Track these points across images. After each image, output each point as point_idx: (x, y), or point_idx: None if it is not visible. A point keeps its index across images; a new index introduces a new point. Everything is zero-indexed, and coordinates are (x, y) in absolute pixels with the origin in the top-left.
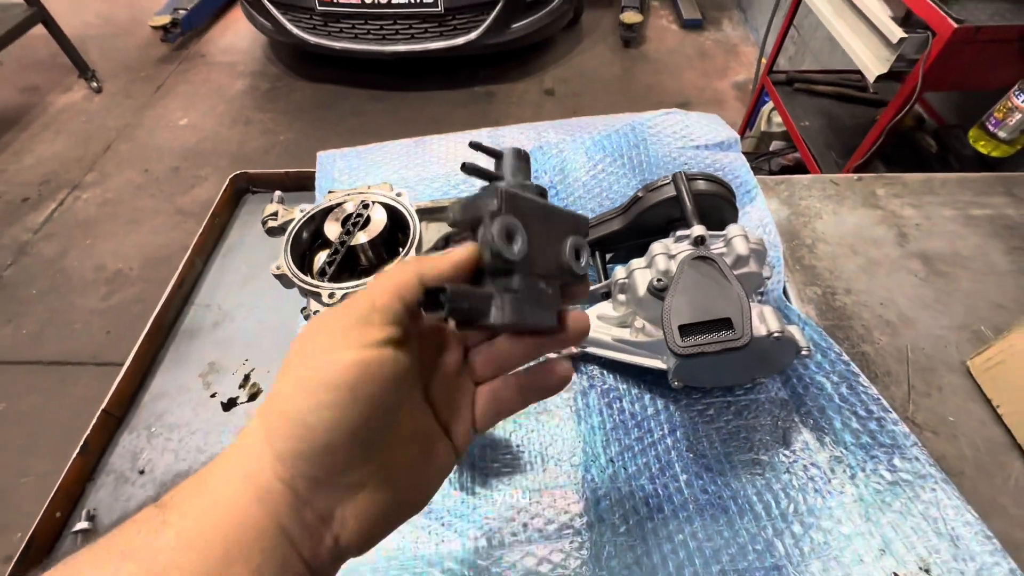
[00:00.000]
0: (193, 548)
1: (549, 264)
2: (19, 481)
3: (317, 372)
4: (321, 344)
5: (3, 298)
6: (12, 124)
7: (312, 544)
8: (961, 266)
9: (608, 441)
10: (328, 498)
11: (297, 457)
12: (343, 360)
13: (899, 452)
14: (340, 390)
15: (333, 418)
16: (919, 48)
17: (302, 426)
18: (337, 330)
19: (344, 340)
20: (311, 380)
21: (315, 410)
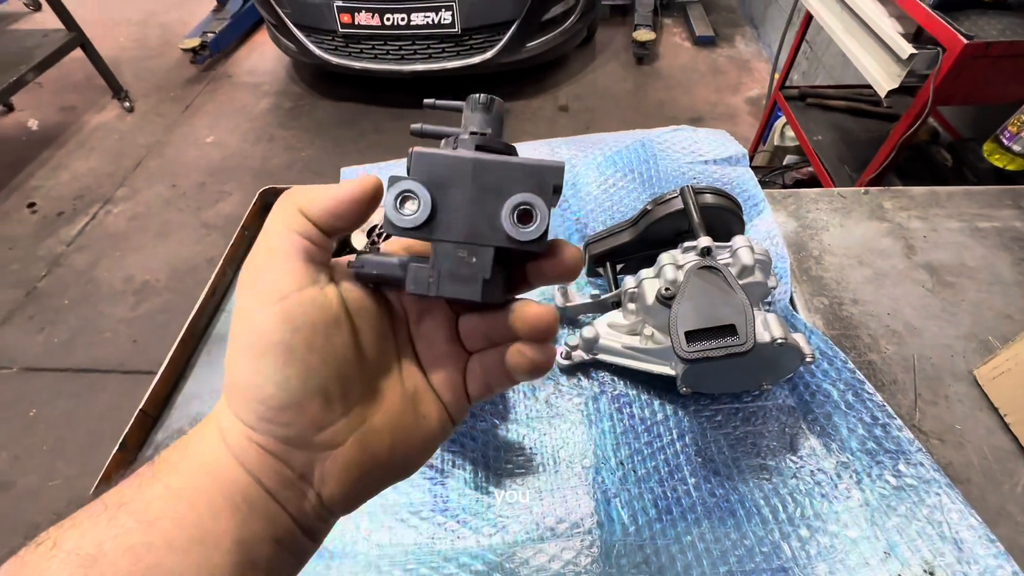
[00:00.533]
0: (181, 498)
1: (478, 230)
2: (48, 484)
3: (251, 332)
4: (246, 301)
5: (37, 307)
6: (50, 142)
7: (296, 500)
8: (968, 277)
9: (618, 445)
10: (304, 456)
11: (261, 420)
12: (268, 314)
13: (904, 457)
14: (275, 346)
15: (280, 377)
16: (930, 64)
17: (253, 390)
18: (256, 282)
19: (264, 292)
20: (248, 343)
21: (259, 372)
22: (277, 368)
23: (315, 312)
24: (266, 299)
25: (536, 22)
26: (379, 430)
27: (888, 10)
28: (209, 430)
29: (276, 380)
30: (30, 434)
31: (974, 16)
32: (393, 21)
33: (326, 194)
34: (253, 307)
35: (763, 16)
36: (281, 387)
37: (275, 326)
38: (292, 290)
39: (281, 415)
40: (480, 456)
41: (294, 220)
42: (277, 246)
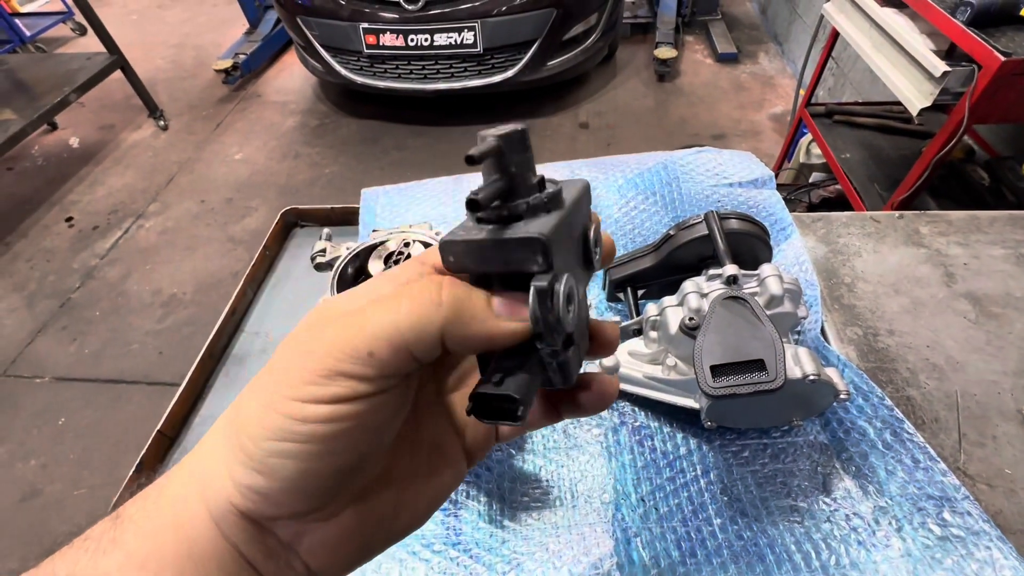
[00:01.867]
0: (144, 569)
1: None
2: (73, 493)
3: (287, 410)
4: (297, 378)
5: (70, 318)
6: (89, 158)
7: (277, 570)
8: (1014, 308)
9: (639, 479)
10: (292, 528)
11: (255, 493)
12: (316, 411)
13: (949, 505)
14: (306, 443)
15: (299, 469)
16: (964, 81)
17: (262, 464)
18: (319, 368)
19: (323, 385)
20: (279, 418)
21: (278, 455)
22: (298, 460)
23: (374, 418)
24: (328, 393)
25: (557, 41)
26: (384, 494)
27: (919, 27)
28: (189, 479)
29: (292, 471)
30: (58, 443)
31: (1011, 32)
32: (417, 42)
33: (486, 328)
34: (313, 381)
35: (787, 33)
36: (296, 479)
37: (321, 425)
38: (362, 396)
39: (281, 496)
40: (495, 488)
41: (425, 333)
42: (384, 358)
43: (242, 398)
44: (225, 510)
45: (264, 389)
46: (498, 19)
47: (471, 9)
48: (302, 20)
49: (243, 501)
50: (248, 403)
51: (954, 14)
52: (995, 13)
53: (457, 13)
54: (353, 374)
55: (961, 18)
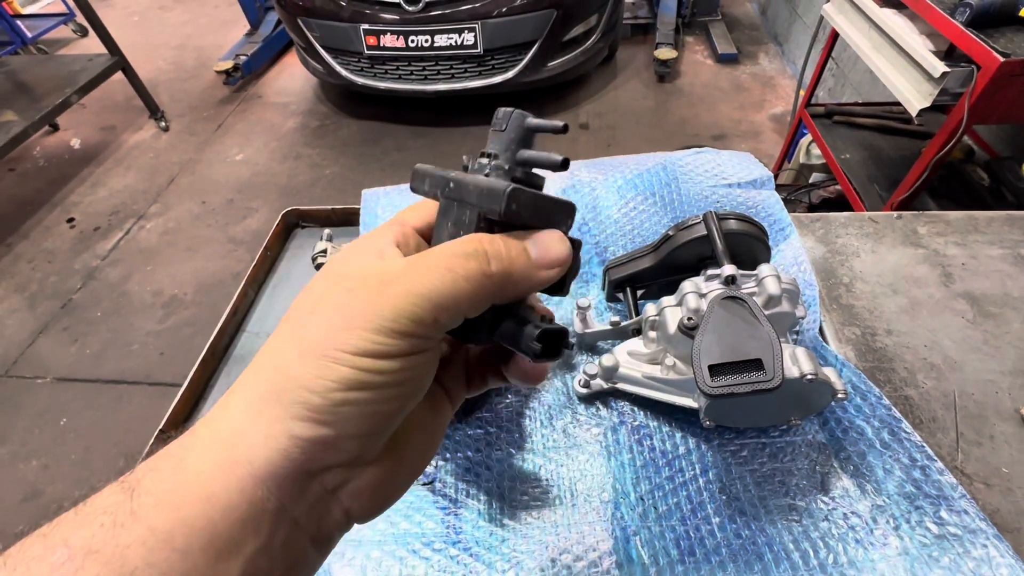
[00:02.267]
0: (170, 544)
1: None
2: (74, 494)
3: (354, 364)
4: (359, 331)
5: (72, 319)
6: (91, 160)
7: (318, 520)
8: (1012, 308)
9: (638, 479)
10: (341, 475)
11: (318, 443)
12: (388, 365)
13: (946, 504)
14: (382, 388)
15: (370, 412)
16: (963, 82)
17: (330, 415)
18: (385, 320)
19: (389, 343)
20: (344, 371)
21: (348, 403)
22: (373, 407)
23: (427, 370)
24: (390, 348)
25: (557, 42)
26: (408, 433)
27: (918, 27)
28: (221, 443)
29: (365, 417)
30: (60, 443)
31: (1009, 33)
32: (417, 43)
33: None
34: (370, 344)
35: (787, 33)
36: (365, 423)
37: (396, 368)
38: (421, 349)
39: (347, 443)
40: (495, 486)
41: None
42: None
43: (282, 362)
44: (275, 468)
45: (315, 347)
46: (498, 20)
47: (471, 10)
48: (303, 21)
49: (301, 455)
50: (297, 363)
51: (953, 15)
52: (994, 14)
53: (457, 14)
54: (420, 335)
55: (960, 19)
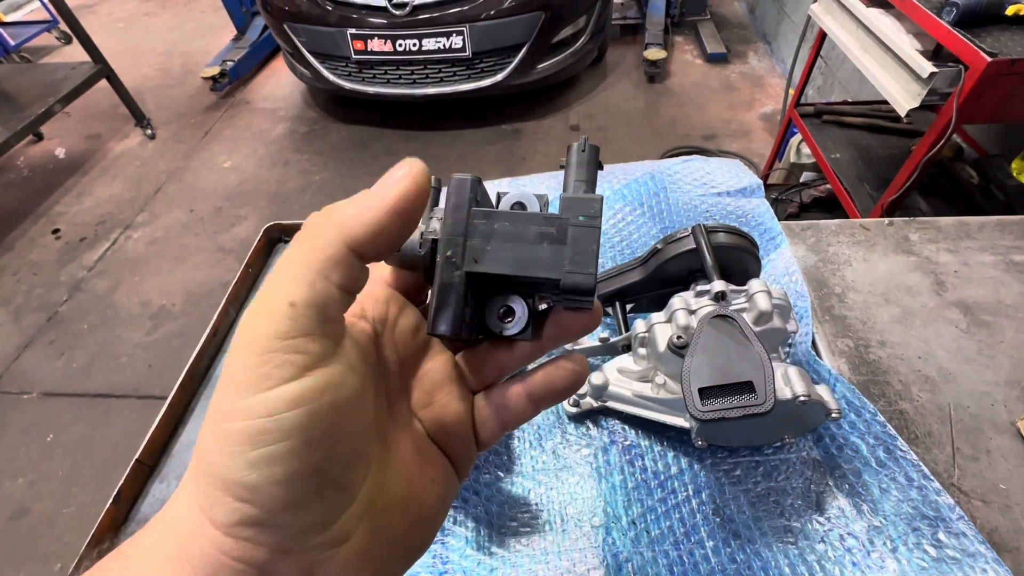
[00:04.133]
0: None
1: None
2: (62, 511)
3: (249, 412)
4: (241, 372)
5: (58, 332)
6: (76, 169)
7: None
8: (1005, 316)
9: (630, 501)
10: (302, 562)
11: (246, 526)
12: (280, 397)
13: (944, 525)
14: (284, 439)
15: (286, 472)
16: (951, 82)
17: (242, 488)
18: (258, 347)
19: (270, 363)
20: (243, 426)
21: (257, 464)
22: (286, 463)
23: (343, 388)
24: (281, 372)
25: (546, 44)
26: (391, 507)
27: (905, 27)
28: (162, 543)
29: (281, 478)
30: (47, 460)
31: (996, 32)
32: (405, 47)
33: (370, 208)
34: (258, 380)
35: (775, 32)
36: (287, 486)
37: (291, 414)
38: (318, 361)
39: (279, 517)
40: (483, 512)
41: (331, 256)
42: (306, 297)
43: (200, 439)
44: (216, 567)
45: (214, 409)
46: (486, 23)
47: (459, 14)
48: (289, 26)
49: (235, 546)
50: (206, 433)
51: (940, 14)
52: (980, 13)
53: (445, 18)
54: (290, 332)
55: (947, 19)
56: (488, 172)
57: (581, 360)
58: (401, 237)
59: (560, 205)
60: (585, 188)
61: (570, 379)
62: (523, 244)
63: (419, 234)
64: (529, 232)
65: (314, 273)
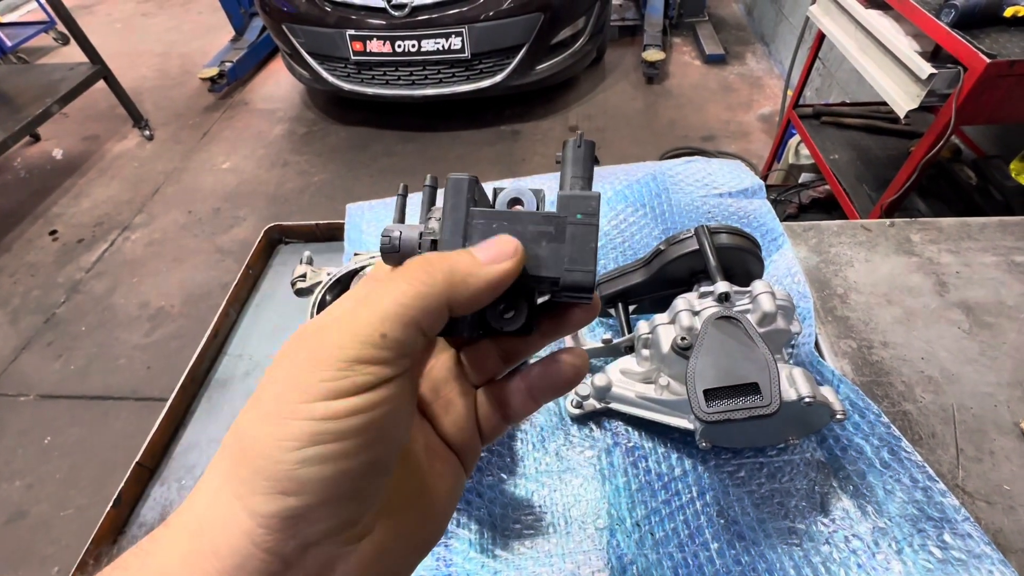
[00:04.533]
0: None
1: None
2: (59, 514)
3: (312, 413)
4: (312, 380)
5: (56, 334)
6: (73, 170)
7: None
8: (1007, 316)
9: (634, 503)
10: (324, 555)
11: (285, 518)
12: (344, 407)
13: (949, 526)
14: (343, 439)
15: (336, 471)
16: (950, 83)
17: (291, 481)
18: (334, 358)
19: (344, 378)
20: (303, 424)
21: (310, 462)
22: (338, 462)
23: (399, 402)
24: (351, 386)
25: (545, 45)
26: (406, 503)
27: (904, 28)
28: (187, 531)
29: (329, 475)
30: (44, 462)
31: (994, 33)
32: (404, 48)
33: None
34: (328, 390)
35: (774, 34)
36: (334, 484)
37: (352, 417)
38: (385, 381)
39: (318, 512)
40: (487, 515)
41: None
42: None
43: (241, 429)
44: (244, 558)
45: (272, 406)
46: (485, 24)
47: (458, 15)
48: (287, 27)
49: (268, 537)
50: (254, 428)
51: (939, 16)
52: (979, 15)
53: (444, 19)
54: (372, 359)
55: (945, 20)
56: (487, 173)
57: (581, 354)
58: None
59: (557, 203)
60: (582, 185)
61: (570, 373)
62: (523, 243)
63: (418, 233)
64: (528, 231)
65: (411, 316)
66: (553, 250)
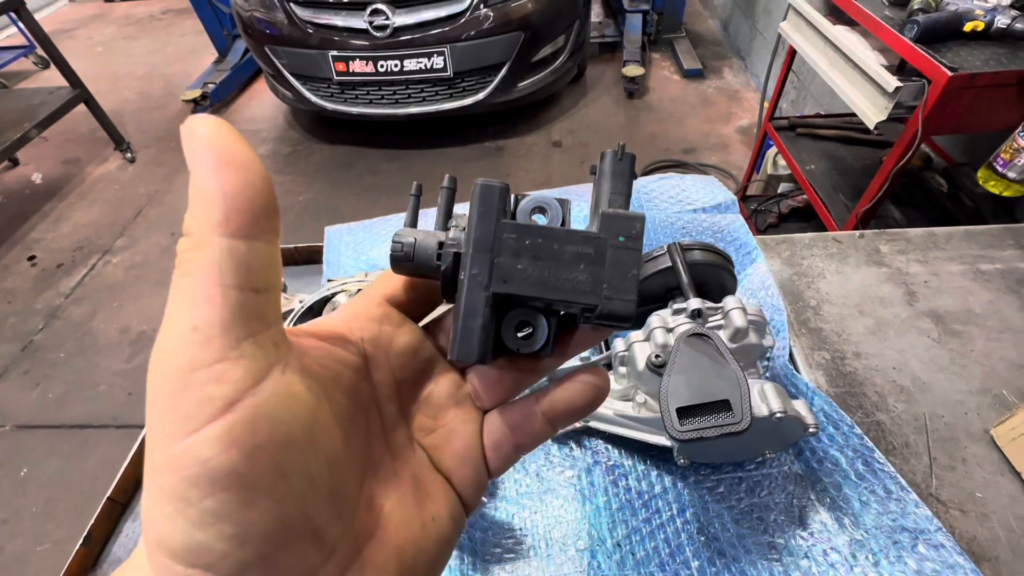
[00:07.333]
0: None
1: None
2: (36, 549)
3: (178, 470)
4: (165, 421)
5: (33, 361)
6: (53, 194)
7: None
8: (975, 324)
9: (614, 523)
10: None
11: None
12: (208, 436)
13: (924, 537)
14: (225, 487)
15: (234, 527)
16: (916, 95)
17: (192, 552)
18: (172, 390)
19: (191, 404)
20: (174, 484)
21: (200, 525)
22: (233, 516)
23: (285, 419)
24: (202, 409)
25: (526, 63)
26: (383, 554)
27: (870, 43)
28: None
29: (232, 534)
30: (20, 495)
31: (956, 47)
32: (387, 68)
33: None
34: (179, 423)
35: (749, 48)
36: (242, 543)
37: (222, 454)
38: (244, 389)
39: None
40: (466, 539)
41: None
42: (207, 316)
43: (142, 497)
44: None
45: (148, 465)
46: (467, 44)
47: (440, 35)
48: (270, 49)
49: None
50: (144, 494)
51: (902, 31)
52: (940, 30)
53: (426, 39)
54: (200, 364)
55: (909, 35)
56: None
57: (602, 373)
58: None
59: (599, 221)
60: (621, 202)
61: (591, 395)
62: (557, 264)
63: (436, 242)
64: (565, 252)
65: (209, 284)
66: (591, 274)
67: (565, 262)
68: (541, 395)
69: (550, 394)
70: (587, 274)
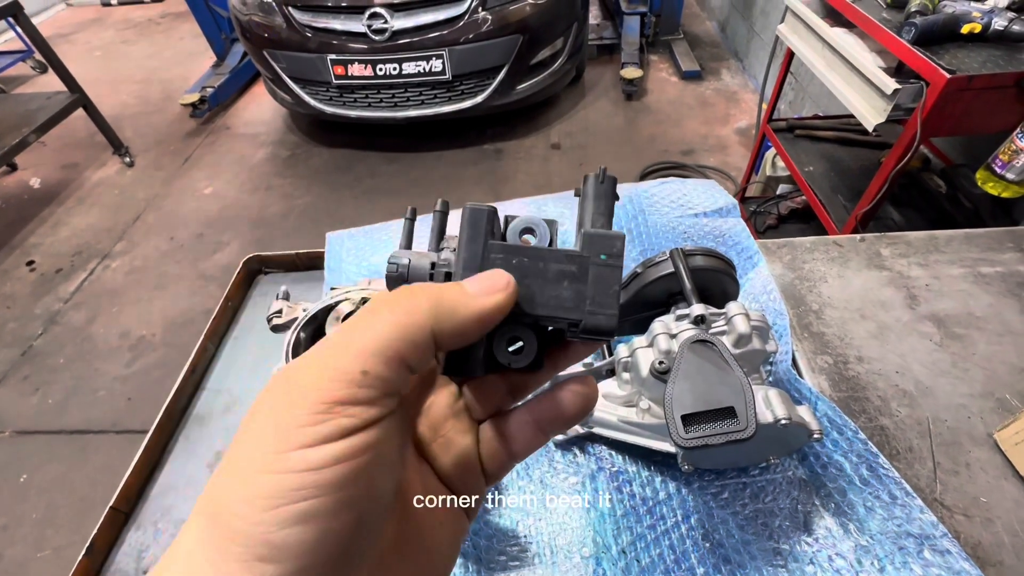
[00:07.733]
0: None
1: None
2: (36, 556)
3: (285, 470)
4: (288, 427)
5: (33, 367)
6: (51, 199)
7: None
8: (976, 328)
9: (619, 530)
10: None
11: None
12: (324, 455)
13: (929, 543)
14: (321, 495)
15: (317, 532)
16: (914, 97)
17: (267, 546)
18: (311, 405)
19: (324, 422)
20: (279, 479)
21: (289, 522)
22: (321, 521)
23: (385, 448)
24: (330, 431)
25: (525, 66)
26: (403, 555)
27: (868, 45)
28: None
29: (311, 538)
30: (20, 501)
31: (953, 49)
32: (385, 71)
33: (467, 313)
34: (304, 436)
35: (747, 49)
36: (317, 547)
37: (331, 471)
38: (368, 423)
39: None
40: (471, 547)
41: (416, 341)
42: (381, 372)
43: (215, 486)
44: None
45: (244, 460)
46: (465, 47)
47: (438, 38)
48: (269, 53)
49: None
50: (226, 485)
51: (899, 33)
52: (938, 32)
53: (424, 42)
54: (353, 399)
55: (906, 37)
56: (471, 192)
57: (589, 382)
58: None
59: (581, 241)
60: (603, 222)
61: (580, 403)
62: (543, 282)
63: (429, 263)
64: (549, 270)
65: (395, 350)
66: (575, 291)
67: (550, 280)
68: (533, 405)
69: (540, 404)
70: (571, 291)
